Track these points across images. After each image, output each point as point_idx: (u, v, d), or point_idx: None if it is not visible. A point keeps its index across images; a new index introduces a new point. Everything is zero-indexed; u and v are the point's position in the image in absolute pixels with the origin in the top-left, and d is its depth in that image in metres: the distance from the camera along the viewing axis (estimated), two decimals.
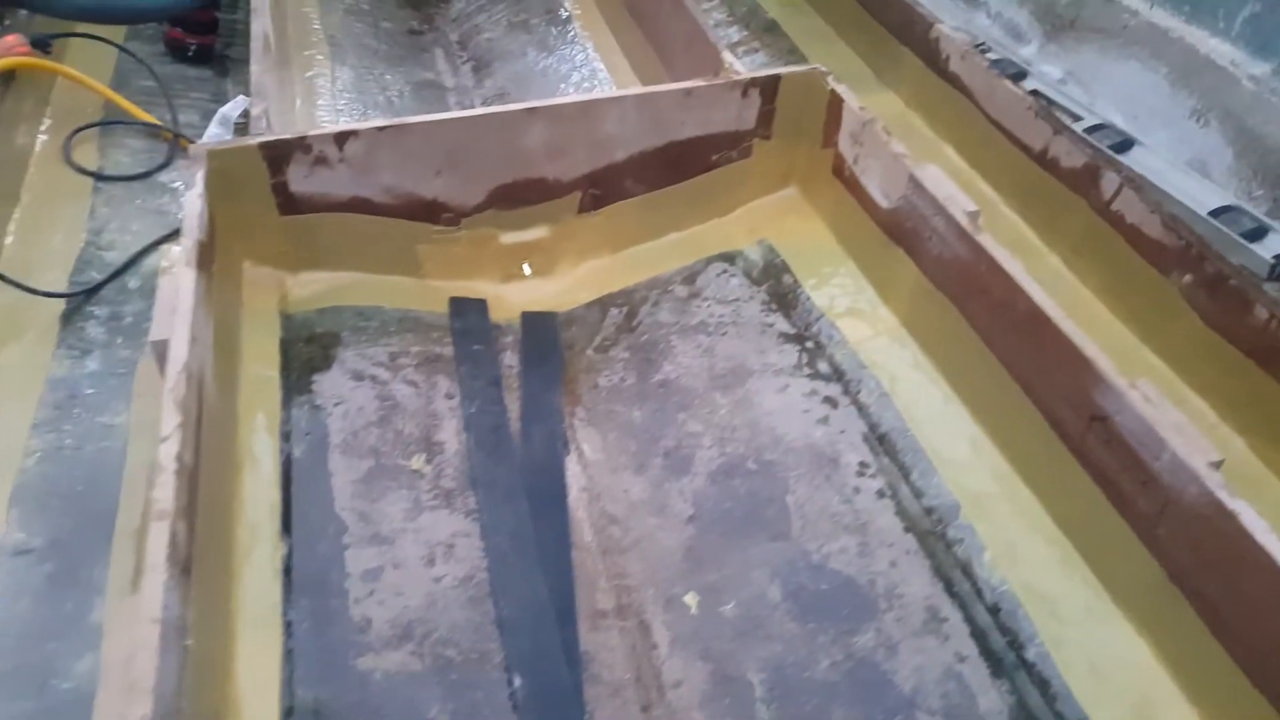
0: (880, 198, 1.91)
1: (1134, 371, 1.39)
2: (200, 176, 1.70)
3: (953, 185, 1.72)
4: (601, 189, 2.05)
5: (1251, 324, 1.56)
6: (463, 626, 1.48)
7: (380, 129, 1.84)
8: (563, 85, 2.78)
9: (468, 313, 2.01)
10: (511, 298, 2.07)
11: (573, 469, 1.76)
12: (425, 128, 1.86)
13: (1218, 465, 1.22)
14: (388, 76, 2.82)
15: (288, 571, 1.48)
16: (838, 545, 1.62)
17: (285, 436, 1.67)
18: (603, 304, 2.08)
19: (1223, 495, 1.20)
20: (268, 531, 1.52)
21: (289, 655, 1.38)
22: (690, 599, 1.57)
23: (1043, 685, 1.42)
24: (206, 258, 1.61)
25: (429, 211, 1.96)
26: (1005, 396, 1.59)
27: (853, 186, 2.00)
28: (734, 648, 1.50)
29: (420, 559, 1.56)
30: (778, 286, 2.07)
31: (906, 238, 1.84)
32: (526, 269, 2.10)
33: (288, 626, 1.42)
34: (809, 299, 2.00)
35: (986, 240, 1.61)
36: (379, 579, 1.52)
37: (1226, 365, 1.60)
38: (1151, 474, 1.31)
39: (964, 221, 1.65)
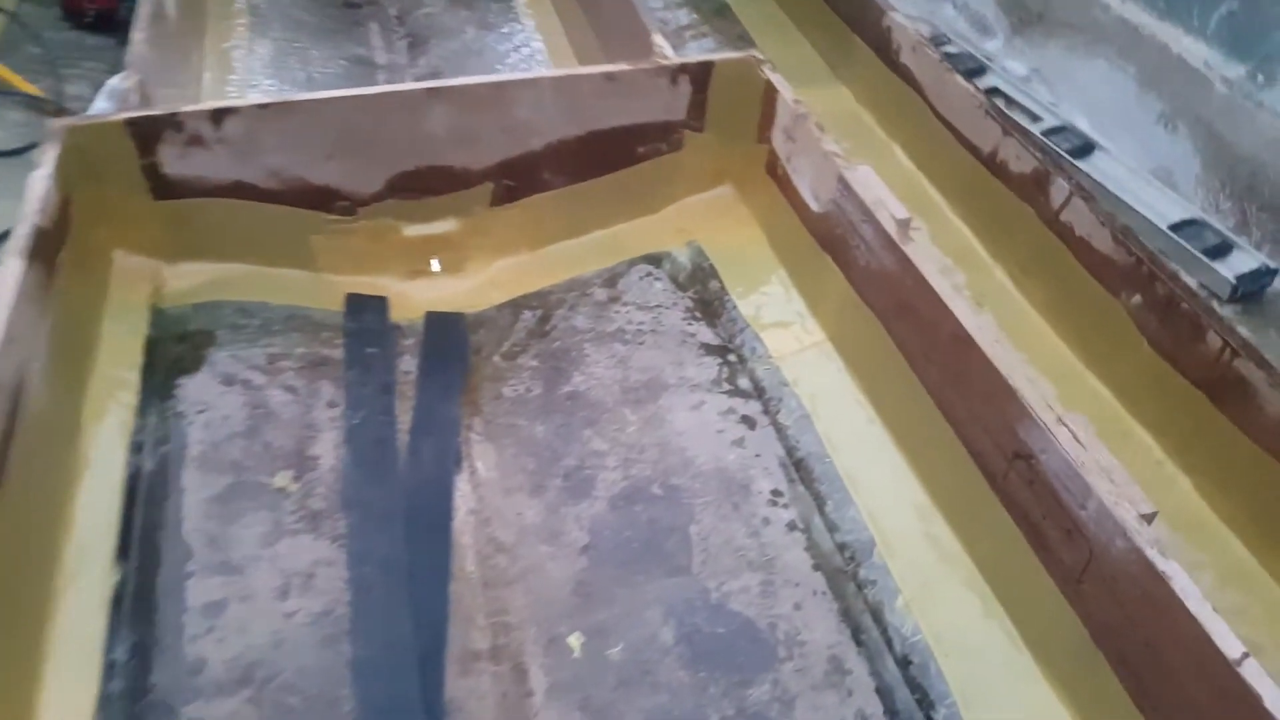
0: (811, 200, 1.75)
1: (1077, 400, 1.25)
2: (52, 155, 1.53)
3: (884, 189, 1.56)
4: (516, 180, 1.89)
5: (1204, 353, 1.42)
6: (312, 670, 1.33)
7: (262, 106, 1.68)
8: (499, 65, 2.62)
9: (365, 311, 1.85)
10: (416, 296, 1.91)
11: (462, 489, 1.61)
12: (313, 106, 1.70)
13: (1150, 518, 1.08)
14: (313, 51, 2.64)
15: (117, 602, 1.33)
16: (740, 583, 1.47)
17: (136, 447, 1.51)
18: (515, 306, 1.92)
19: (1152, 554, 1.06)
20: (99, 555, 1.36)
21: (105, 701, 1.23)
22: (574, 640, 1.42)
23: None
24: (49, 246, 1.45)
25: (321, 199, 1.80)
26: (929, 424, 1.45)
27: (785, 187, 1.85)
28: (616, 698, 1.35)
29: (272, 591, 1.40)
30: (704, 292, 1.91)
31: (836, 245, 1.68)
32: (435, 265, 1.94)
33: (109, 668, 1.26)
34: (735, 307, 1.85)
35: (915, 252, 1.46)
36: (221, 613, 1.36)
37: (1175, 397, 1.46)
38: (1076, 522, 1.16)
39: (893, 230, 1.50)
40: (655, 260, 1.98)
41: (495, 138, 1.82)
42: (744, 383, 1.76)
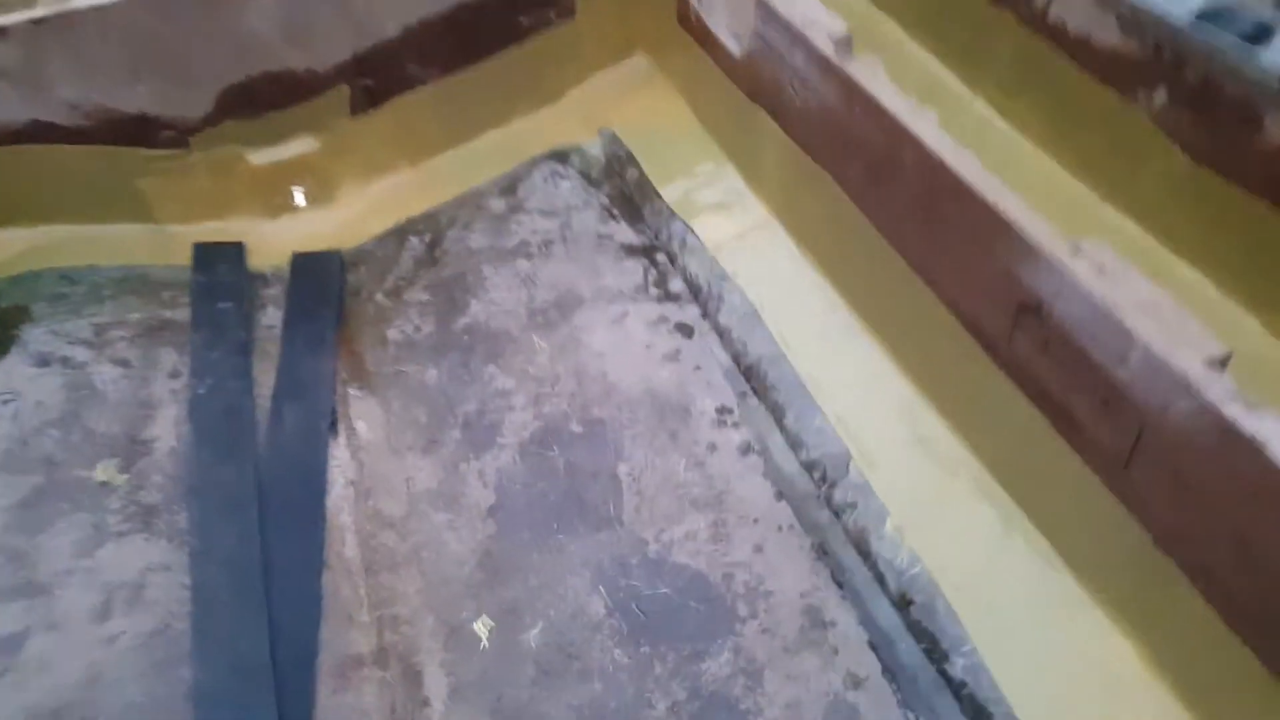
0: (731, 42, 1.40)
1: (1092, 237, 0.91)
2: None
3: (815, 5, 1.21)
4: (375, 79, 1.55)
5: (1262, 147, 1.05)
6: (140, 706, 1.03)
7: (36, 22, 1.34)
8: None
9: (216, 262, 1.53)
10: (279, 236, 1.59)
11: (339, 457, 1.29)
12: (100, 16, 1.36)
13: (1223, 362, 0.74)
14: None
15: None
16: (684, 529, 1.15)
17: None
18: (399, 234, 1.59)
19: (1233, 411, 0.71)
20: None
21: None
22: (481, 626, 1.11)
23: (978, 715, 0.95)
24: None
25: (140, 132, 1.47)
26: (905, 295, 1.11)
27: (705, 39, 1.49)
28: (536, 694, 1.04)
29: (89, 612, 1.10)
30: (621, 185, 1.57)
31: (767, 91, 1.33)
32: (299, 197, 1.61)
33: None
34: (659, 197, 1.51)
35: (859, 71, 1.11)
36: (20, 650, 1.06)
37: (1225, 211, 1.09)
38: (1115, 386, 0.83)
39: (829, 50, 1.15)
40: (561, 157, 1.64)
41: (337, 27, 1.48)
42: (675, 285, 1.42)
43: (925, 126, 1.03)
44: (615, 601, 1.10)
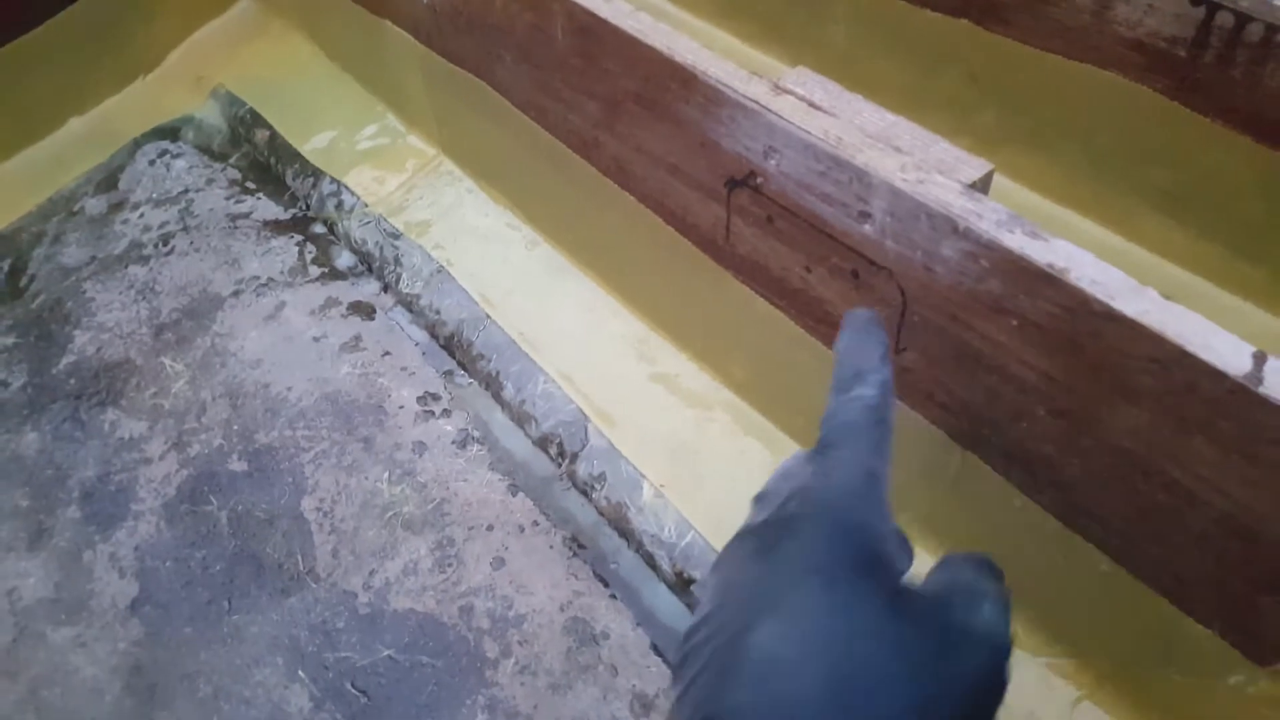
0: None
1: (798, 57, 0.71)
2: None
3: None
4: None
5: None
6: None
7: None
8: None
9: None
10: None
11: None
12: None
13: (982, 185, 0.56)
14: None
15: None
16: (399, 563, 0.88)
17: None
18: None
19: (1016, 240, 0.53)
20: None
21: None
22: None
23: None
24: None
25: None
26: (607, 209, 0.88)
27: None
28: None
29: None
30: (252, 153, 1.25)
31: None
32: None
33: None
34: (300, 157, 1.20)
35: None
36: None
37: None
38: (860, 249, 0.63)
39: None
40: (169, 133, 1.29)
41: None
42: (342, 257, 1.13)
43: None
44: (323, 686, 0.82)
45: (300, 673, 0.83)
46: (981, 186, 0.55)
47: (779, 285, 0.71)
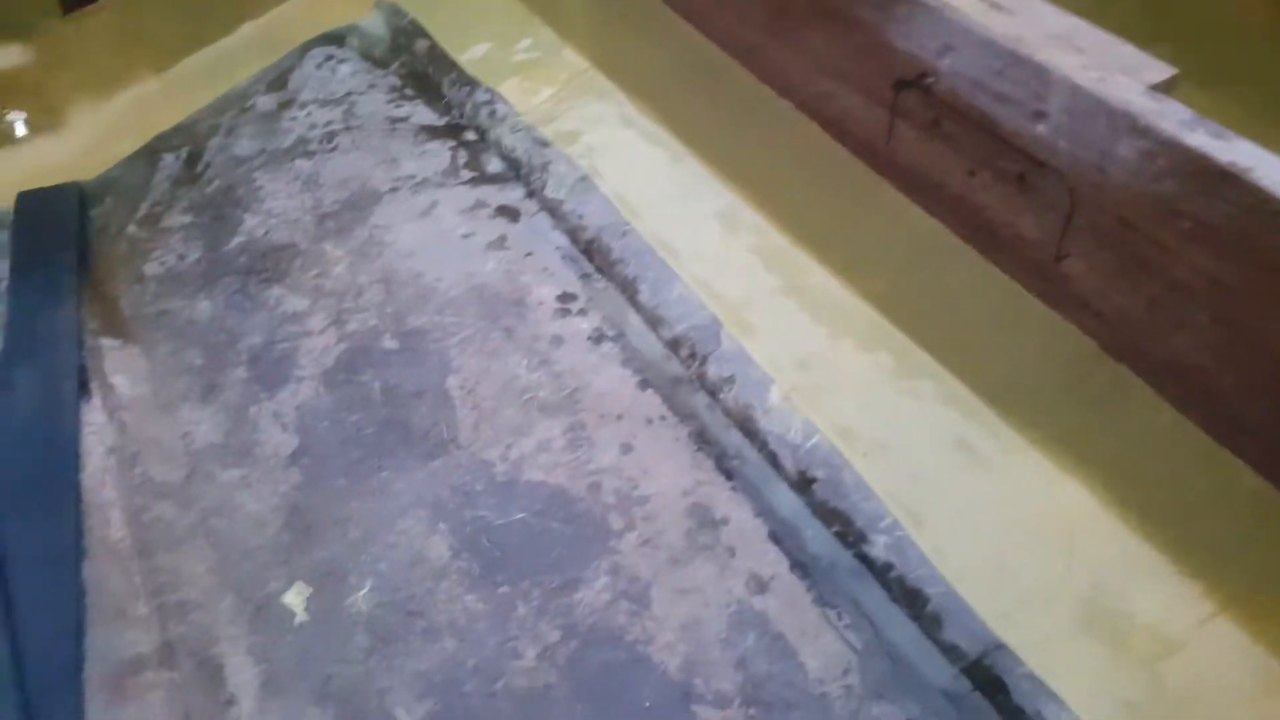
0: None
1: None
2: None
3: None
4: None
5: None
6: None
7: None
8: None
9: None
10: (1, 174, 1.27)
11: (94, 422, 1.03)
12: None
13: (1166, 86, 0.58)
14: None
15: None
16: (534, 440, 0.94)
17: None
18: (151, 153, 1.30)
19: (1199, 139, 0.55)
20: None
21: None
22: (295, 597, 0.89)
23: (911, 600, 0.80)
24: None
25: None
26: (759, 120, 0.92)
27: None
28: (374, 667, 0.83)
29: None
30: (411, 62, 1.33)
31: None
32: (19, 125, 1.29)
33: None
34: (458, 67, 1.27)
35: None
36: None
37: None
38: (1032, 151, 0.66)
39: None
40: (335, 39, 1.38)
41: None
42: (491, 163, 1.20)
43: None
44: (461, 539, 0.89)
45: (441, 526, 0.90)
46: (1164, 89, 0.58)
47: (938, 192, 0.75)
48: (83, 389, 1.05)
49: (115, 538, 0.94)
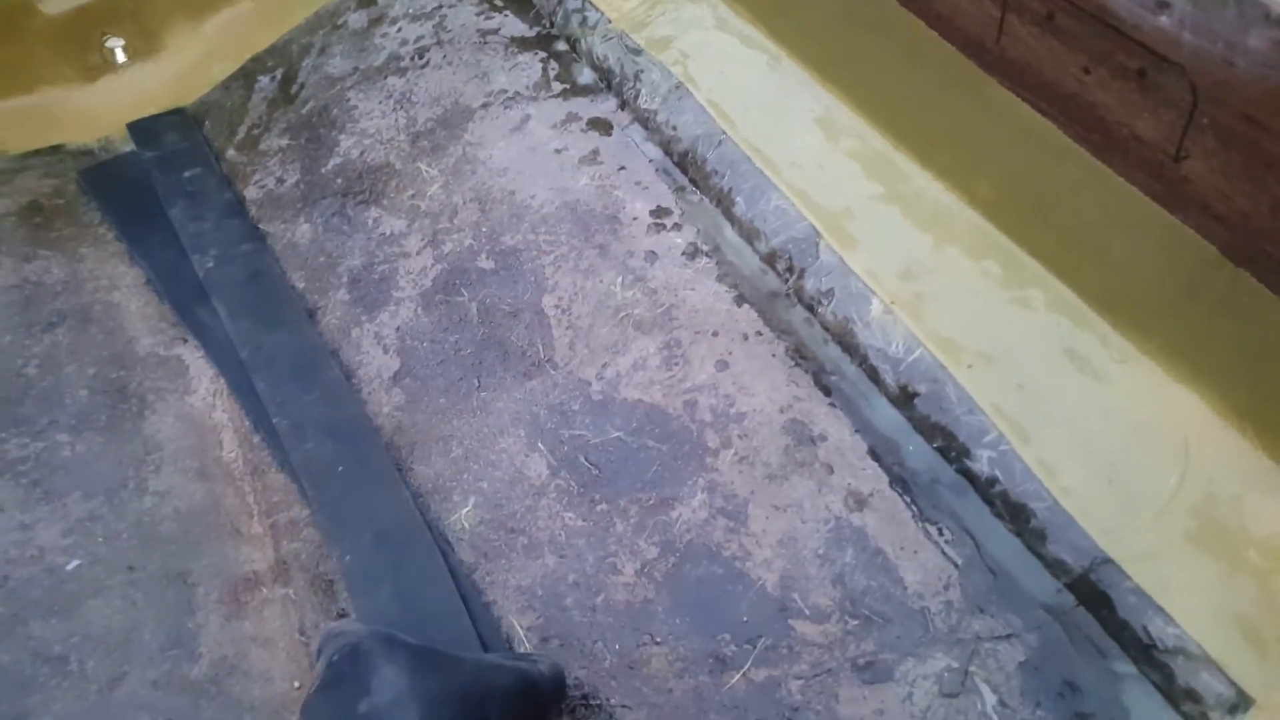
0: None
1: None
2: None
3: None
4: None
5: None
6: None
7: None
8: None
9: (160, 135, 1.25)
10: (104, 103, 1.31)
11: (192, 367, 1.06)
12: None
13: None
14: None
15: None
16: (630, 359, 0.94)
17: None
18: (246, 75, 1.32)
19: None
20: None
21: None
22: None
23: (1015, 515, 0.77)
24: None
25: None
26: (861, 19, 0.86)
27: None
28: (476, 583, 0.85)
29: None
30: None
31: None
32: (118, 52, 1.32)
33: None
34: None
35: None
36: None
37: None
38: (1153, 45, 0.60)
39: None
40: None
41: None
42: (583, 74, 1.17)
43: None
44: (559, 457, 0.90)
45: (539, 444, 0.91)
46: None
47: (1050, 90, 0.69)
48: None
49: (228, 459, 0.99)
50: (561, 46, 1.20)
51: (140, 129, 1.27)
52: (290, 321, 1.06)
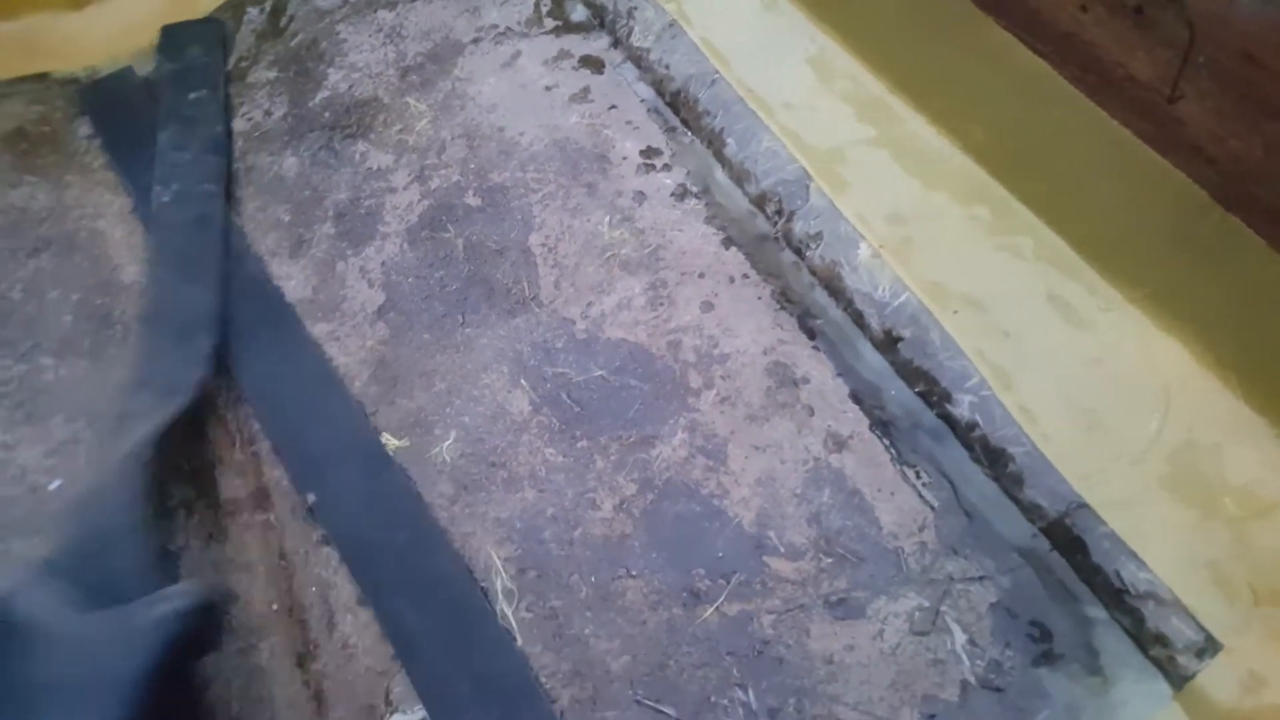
0: None
1: None
2: None
3: None
4: None
5: None
6: None
7: None
8: None
9: (187, 46, 1.22)
10: (89, 31, 1.29)
11: None
12: None
13: None
14: None
15: None
16: (614, 298, 0.93)
17: None
18: (235, 6, 1.29)
19: None
20: None
21: None
22: (387, 444, 0.91)
23: (993, 460, 0.77)
24: None
25: None
26: None
27: None
28: (457, 514, 0.86)
29: None
30: None
31: None
32: None
33: None
34: None
35: None
36: None
37: None
38: None
39: None
40: None
41: None
42: (576, 10, 1.15)
43: None
44: (541, 394, 0.90)
45: (522, 381, 0.91)
46: None
47: (1046, 29, 0.68)
48: None
49: (210, 386, 0.99)
50: None
51: (171, 34, 1.25)
52: (203, 278, 1.03)
